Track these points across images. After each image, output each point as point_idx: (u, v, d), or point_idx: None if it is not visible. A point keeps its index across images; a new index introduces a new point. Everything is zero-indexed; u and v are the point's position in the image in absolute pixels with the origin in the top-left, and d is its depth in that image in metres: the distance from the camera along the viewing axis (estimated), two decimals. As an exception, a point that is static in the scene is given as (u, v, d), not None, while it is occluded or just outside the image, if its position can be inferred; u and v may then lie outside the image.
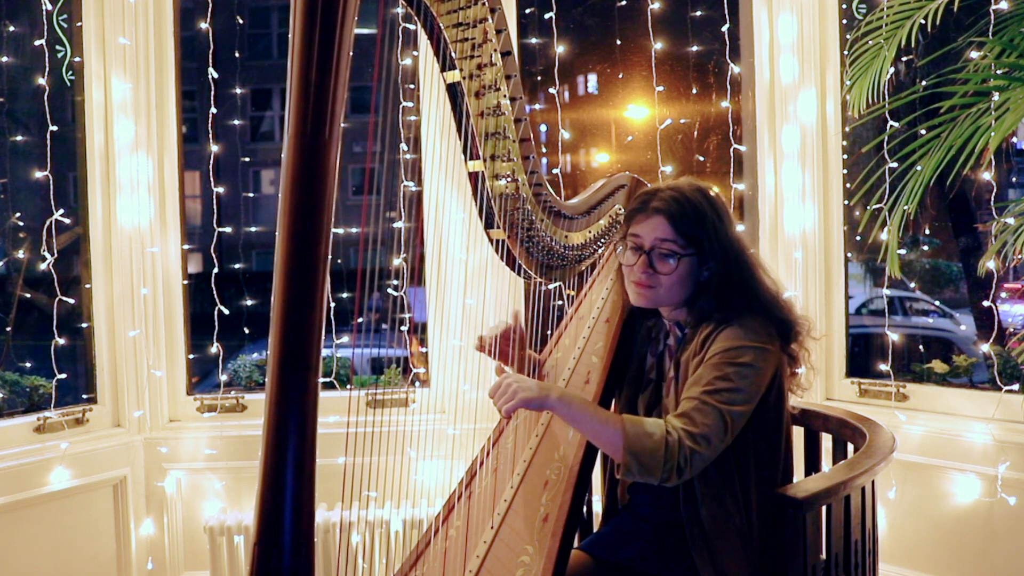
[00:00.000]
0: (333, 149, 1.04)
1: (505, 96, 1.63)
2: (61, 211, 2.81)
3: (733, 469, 1.67)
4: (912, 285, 3.21)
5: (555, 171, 3.11)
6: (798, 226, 2.98)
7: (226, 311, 3.05)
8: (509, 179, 1.69)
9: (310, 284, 1.06)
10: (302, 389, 1.08)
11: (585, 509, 1.99)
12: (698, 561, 1.64)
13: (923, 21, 2.11)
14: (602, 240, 2.01)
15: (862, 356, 3.12)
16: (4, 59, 2.87)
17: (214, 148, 3.06)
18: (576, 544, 1.75)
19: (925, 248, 3.36)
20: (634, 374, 1.86)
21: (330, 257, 1.10)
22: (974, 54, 2.36)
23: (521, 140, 1.69)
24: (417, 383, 3.07)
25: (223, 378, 3.10)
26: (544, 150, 3.17)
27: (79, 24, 2.87)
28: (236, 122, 3.28)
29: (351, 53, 1.04)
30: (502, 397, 1.58)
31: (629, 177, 2.05)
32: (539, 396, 1.57)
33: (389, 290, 3.01)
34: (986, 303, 2.62)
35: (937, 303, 3.98)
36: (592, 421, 1.56)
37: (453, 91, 1.60)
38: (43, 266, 2.78)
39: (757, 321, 1.67)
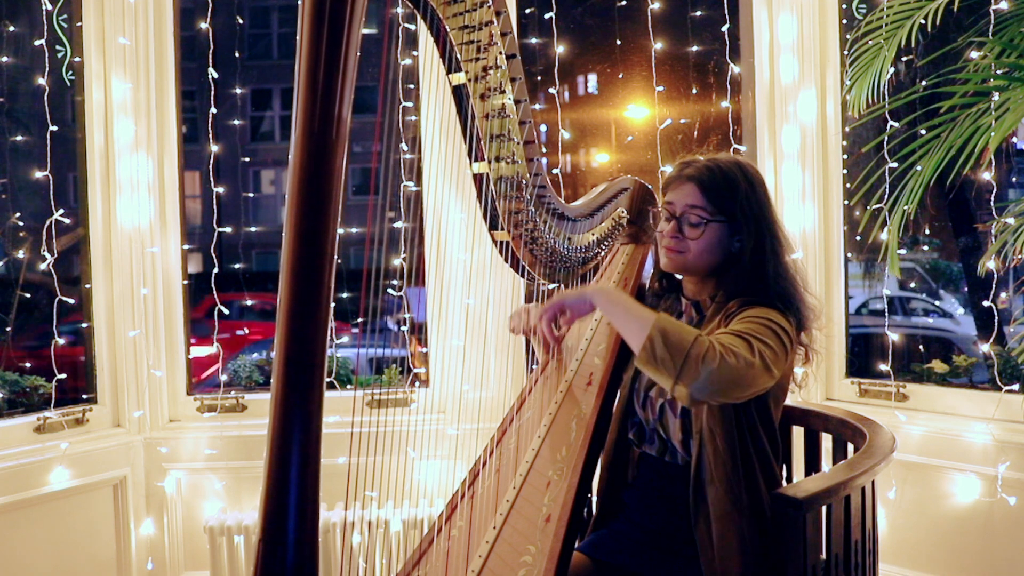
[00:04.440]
0: (341, 149, 1.04)
1: (510, 99, 1.64)
2: (61, 211, 2.81)
3: (739, 462, 1.66)
4: (912, 285, 3.22)
5: (555, 171, 3.11)
6: (798, 226, 2.98)
7: (226, 311, 3.05)
8: (513, 181, 1.70)
9: (317, 283, 1.06)
10: (308, 386, 1.08)
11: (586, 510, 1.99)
12: (703, 560, 1.64)
13: (923, 21, 2.11)
14: (605, 243, 2.01)
15: (862, 356, 3.12)
16: (4, 59, 2.87)
17: (214, 148, 3.06)
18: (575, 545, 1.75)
19: (925, 248, 3.37)
20: None
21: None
22: (974, 54, 2.37)
23: (526, 142, 1.70)
24: (417, 383, 3.08)
25: (223, 378, 3.09)
26: (544, 150, 3.17)
27: (79, 24, 2.87)
28: (236, 122, 3.29)
29: (358, 53, 1.04)
30: (536, 312, 1.78)
31: (632, 181, 2.05)
32: (578, 293, 1.74)
33: (389, 290, 3.01)
34: (986, 303, 2.63)
35: (937, 303, 3.99)
36: (628, 308, 1.59)
37: (458, 93, 1.60)
38: (43, 266, 2.78)
39: (789, 315, 1.67)
